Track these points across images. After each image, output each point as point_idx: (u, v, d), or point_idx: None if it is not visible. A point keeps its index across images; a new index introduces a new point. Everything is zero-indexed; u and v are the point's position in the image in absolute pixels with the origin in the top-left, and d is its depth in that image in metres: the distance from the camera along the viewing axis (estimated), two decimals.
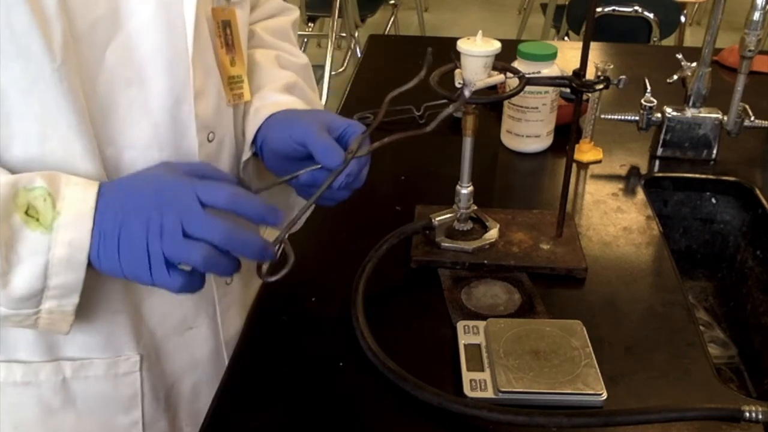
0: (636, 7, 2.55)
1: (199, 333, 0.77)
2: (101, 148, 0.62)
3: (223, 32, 0.70)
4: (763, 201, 1.03)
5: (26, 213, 0.56)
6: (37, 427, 0.71)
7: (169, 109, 0.64)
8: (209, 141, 0.69)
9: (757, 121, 1.08)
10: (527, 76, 0.80)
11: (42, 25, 0.54)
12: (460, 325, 0.75)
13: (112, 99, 0.61)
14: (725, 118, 1.09)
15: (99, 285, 0.66)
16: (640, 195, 1.03)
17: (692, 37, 3.41)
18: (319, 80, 2.90)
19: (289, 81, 0.79)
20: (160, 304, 0.72)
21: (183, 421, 0.79)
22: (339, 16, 3.29)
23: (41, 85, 0.56)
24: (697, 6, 4.23)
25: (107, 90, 0.60)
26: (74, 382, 0.70)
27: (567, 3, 2.89)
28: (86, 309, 0.65)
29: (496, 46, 0.76)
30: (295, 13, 0.93)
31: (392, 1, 4.08)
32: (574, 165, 1.02)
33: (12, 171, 0.58)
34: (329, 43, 3.20)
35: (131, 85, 0.61)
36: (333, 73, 3.22)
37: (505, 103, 1.12)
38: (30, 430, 0.71)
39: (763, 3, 0.97)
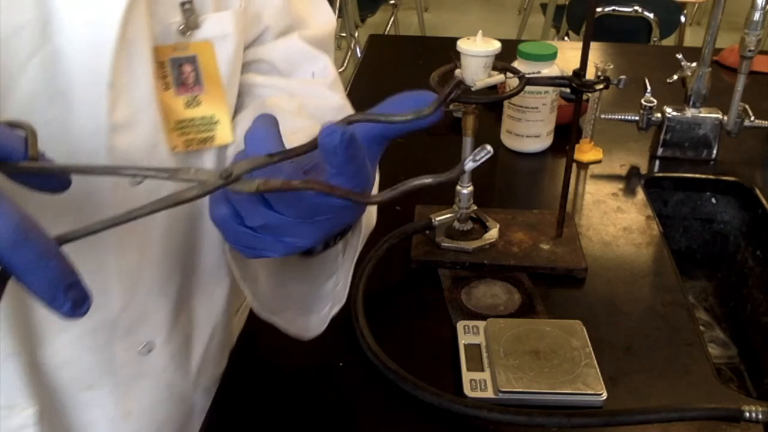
0: (636, 7, 2.55)
1: None
2: None
3: (175, 71, 0.63)
4: (763, 201, 1.03)
5: None
6: None
7: (89, 136, 0.58)
8: (137, 183, 0.55)
9: (757, 121, 1.08)
10: (527, 76, 0.80)
11: None
12: (460, 325, 0.75)
13: (33, 112, 0.55)
14: (725, 118, 1.09)
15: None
16: (640, 195, 1.03)
17: (692, 37, 3.40)
18: None
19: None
20: None
21: None
22: (339, 16, 3.29)
23: None
24: (697, 6, 4.23)
25: (27, 103, 0.55)
26: None
27: (567, 3, 2.89)
28: None
29: (496, 46, 0.76)
30: (327, 23, 0.77)
31: (392, 1, 4.07)
32: (574, 165, 1.02)
33: None
34: None
35: (54, 102, 0.56)
36: None
37: (505, 103, 1.12)
38: None
39: (763, 3, 0.97)
